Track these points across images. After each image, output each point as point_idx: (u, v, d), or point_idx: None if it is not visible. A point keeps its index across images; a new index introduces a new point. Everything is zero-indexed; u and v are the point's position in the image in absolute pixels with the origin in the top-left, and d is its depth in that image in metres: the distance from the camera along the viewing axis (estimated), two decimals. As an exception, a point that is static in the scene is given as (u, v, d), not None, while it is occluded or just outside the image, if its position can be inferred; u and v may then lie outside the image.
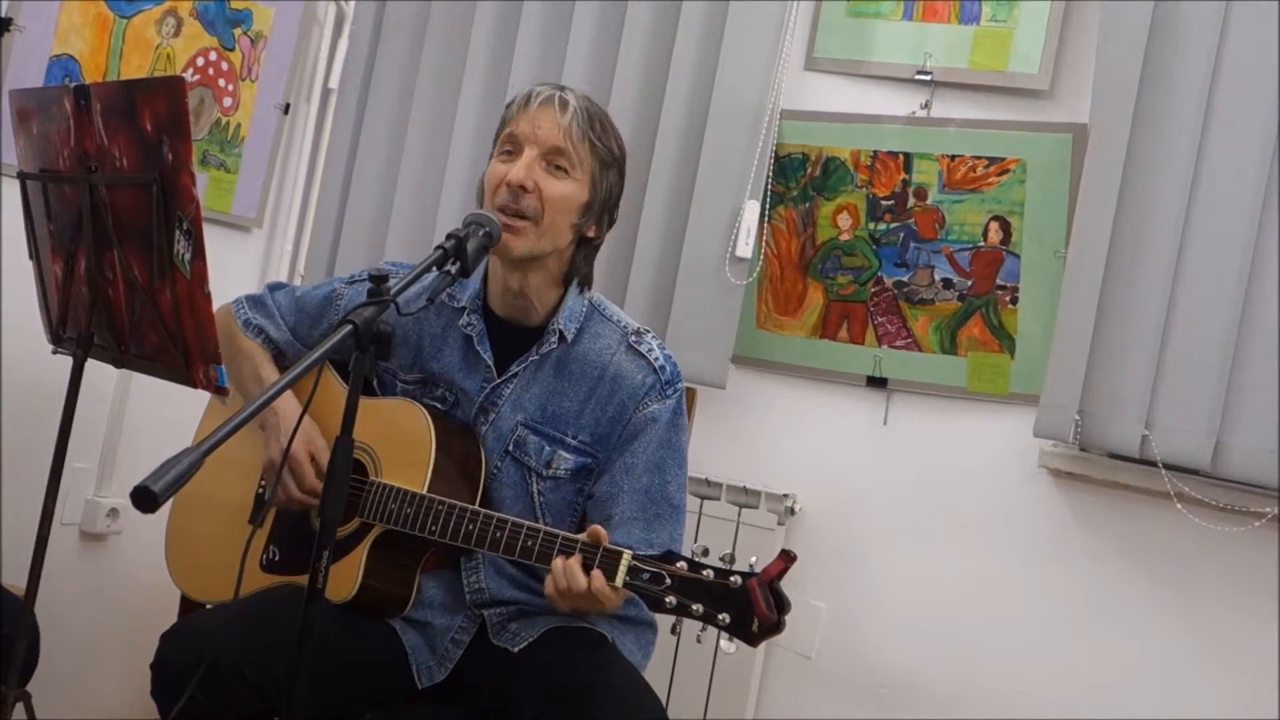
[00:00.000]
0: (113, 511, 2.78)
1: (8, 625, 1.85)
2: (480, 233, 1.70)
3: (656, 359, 1.90)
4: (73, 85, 1.81)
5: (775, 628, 1.53)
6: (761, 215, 2.61)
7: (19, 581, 1.90)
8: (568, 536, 1.67)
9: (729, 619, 1.53)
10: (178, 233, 1.70)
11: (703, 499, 2.60)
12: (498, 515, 1.73)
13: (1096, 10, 2.34)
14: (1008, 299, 2.44)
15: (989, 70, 2.48)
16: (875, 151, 2.56)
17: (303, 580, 1.44)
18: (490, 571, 1.88)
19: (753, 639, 1.53)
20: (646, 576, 1.58)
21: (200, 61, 2.81)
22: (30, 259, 2.03)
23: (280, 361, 2.08)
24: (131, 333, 1.85)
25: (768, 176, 2.61)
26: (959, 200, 2.48)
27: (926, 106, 2.54)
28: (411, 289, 1.55)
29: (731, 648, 1.57)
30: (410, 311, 1.91)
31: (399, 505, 1.79)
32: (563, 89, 1.87)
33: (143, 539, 2.25)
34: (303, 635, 1.42)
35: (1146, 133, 2.23)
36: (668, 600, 1.56)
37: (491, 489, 1.90)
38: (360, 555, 1.81)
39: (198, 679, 1.65)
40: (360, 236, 3.05)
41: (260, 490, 2.01)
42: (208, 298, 1.70)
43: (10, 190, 2.11)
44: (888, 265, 2.55)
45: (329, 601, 1.55)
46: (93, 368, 1.92)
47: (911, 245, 2.52)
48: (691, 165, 2.64)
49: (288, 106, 3.03)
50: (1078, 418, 2.25)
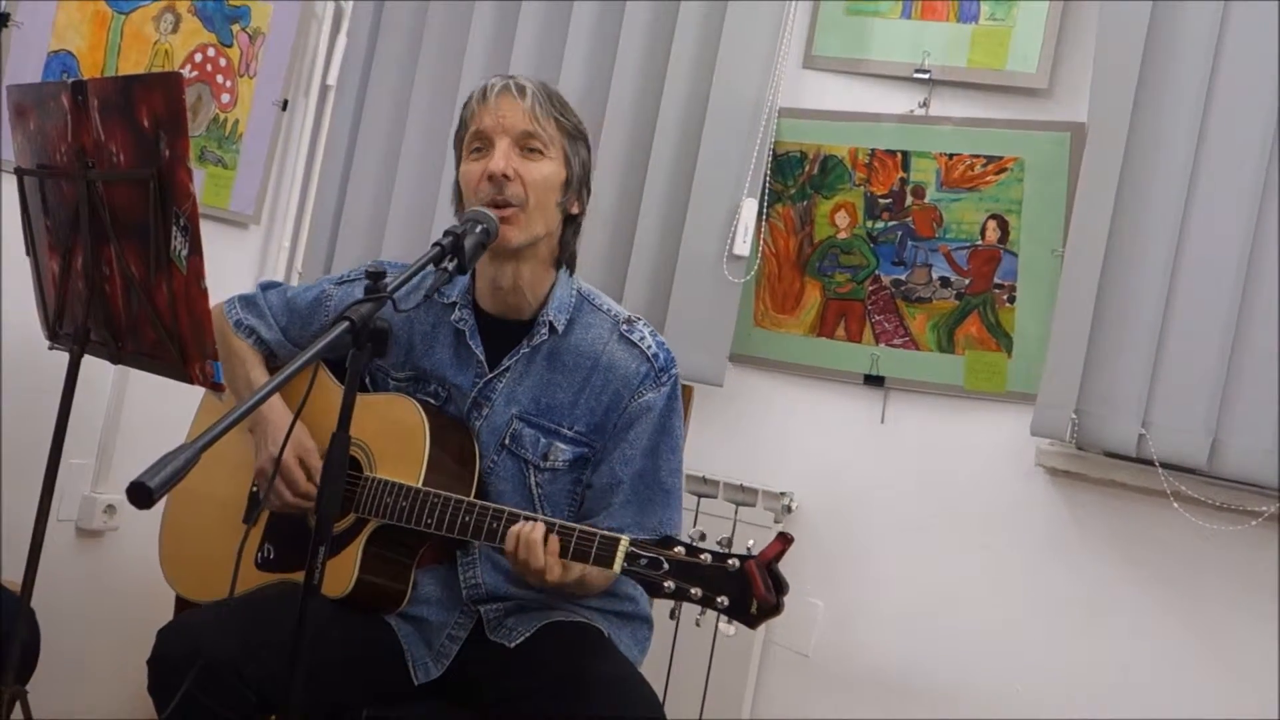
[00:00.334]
0: (109, 508, 2.78)
1: (5, 622, 1.85)
2: (478, 229, 1.70)
3: (649, 347, 1.91)
4: (70, 81, 1.81)
5: (774, 609, 1.53)
6: (759, 213, 2.61)
7: (15, 578, 1.90)
8: (564, 525, 1.67)
9: (728, 601, 1.54)
10: (175, 229, 1.70)
11: (700, 497, 2.60)
12: (494, 506, 1.74)
13: (1095, 9, 2.34)
14: (1005, 298, 2.44)
15: (987, 69, 2.48)
16: (873, 150, 2.56)
17: (298, 577, 1.44)
18: (487, 567, 1.88)
19: (752, 621, 1.54)
20: (644, 562, 1.58)
21: (198, 58, 2.81)
22: (27, 255, 2.03)
23: (272, 362, 2.08)
24: (128, 329, 1.85)
25: (766, 174, 2.61)
26: (957, 199, 2.48)
27: (924, 105, 2.54)
28: (406, 286, 1.55)
29: (731, 630, 1.57)
30: (406, 308, 1.91)
31: (394, 499, 1.79)
32: (512, 77, 1.89)
33: (140, 535, 2.25)
34: (299, 631, 1.42)
35: (1144, 132, 2.23)
36: (666, 585, 1.56)
37: (488, 483, 1.90)
38: (356, 551, 1.81)
39: (194, 675, 1.65)
40: (358, 233, 3.05)
41: (254, 489, 2.01)
42: (204, 294, 1.70)
43: (8, 186, 2.11)
44: (885, 264, 2.55)
45: (325, 598, 1.54)
46: (89, 363, 1.92)
47: (909, 244, 2.52)
48: (689, 163, 2.63)
49: (286, 103, 3.03)
50: (1075, 416, 2.25)
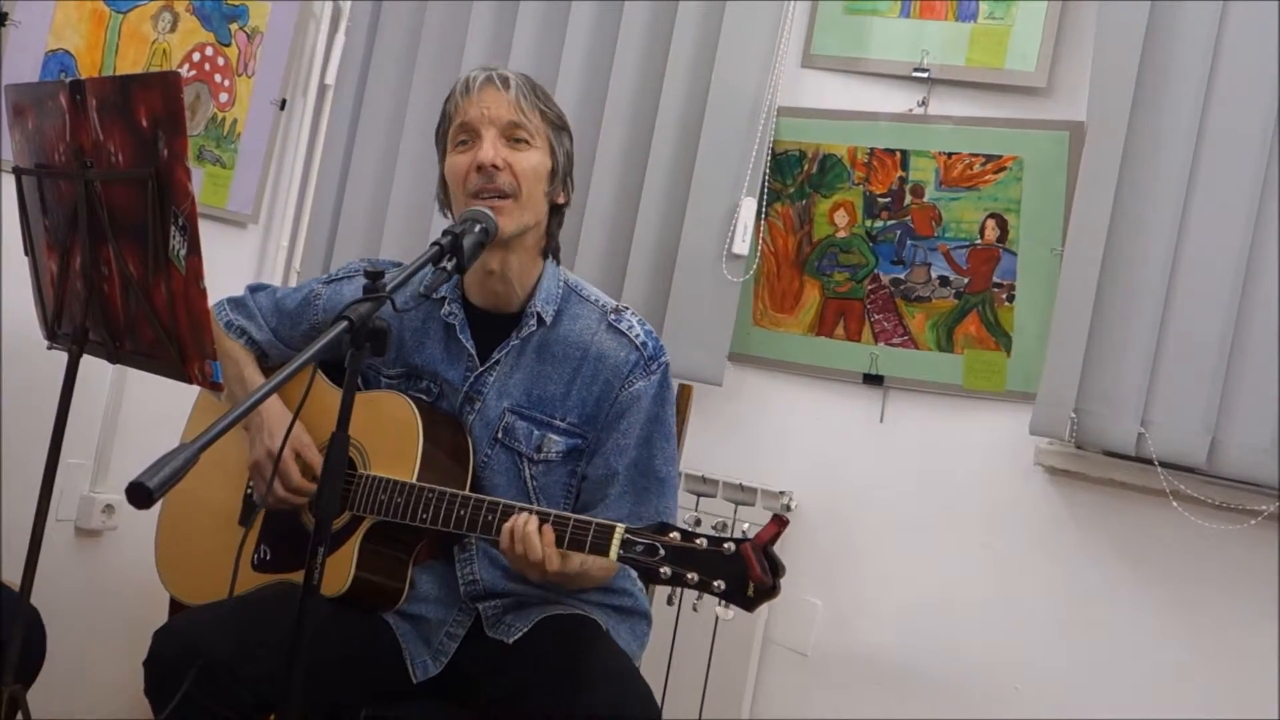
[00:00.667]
0: (108, 507, 2.78)
1: (5, 622, 1.84)
2: (477, 229, 1.71)
3: (637, 335, 1.91)
4: (68, 80, 1.81)
5: (771, 591, 1.53)
6: (758, 212, 2.61)
7: (14, 578, 1.90)
8: (559, 515, 1.68)
9: (724, 585, 1.54)
10: (173, 228, 1.70)
11: (699, 496, 2.60)
12: (489, 499, 1.74)
13: (1094, 8, 2.34)
14: (1004, 296, 2.44)
15: (986, 68, 2.48)
16: (872, 149, 2.55)
17: (295, 578, 1.44)
18: (485, 563, 1.88)
19: (749, 604, 1.54)
20: (640, 548, 1.59)
21: (196, 57, 2.80)
22: (25, 254, 2.02)
23: (264, 363, 2.08)
24: (127, 328, 1.85)
25: (764, 173, 2.61)
26: (956, 198, 2.48)
27: (923, 104, 2.54)
28: (404, 285, 1.55)
29: (729, 614, 1.57)
30: (406, 308, 1.91)
31: (389, 496, 1.79)
32: (494, 69, 1.90)
33: (138, 535, 2.25)
34: (298, 630, 1.42)
35: (1143, 130, 2.23)
36: (662, 571, 1.56)
37: (483, 477, 1.90)
38: (352, 549, 1.81)
39: (192, 676, 1.65)
40: (356, 232, 3.05)
41: (249, 491, 2.01)
42: (203, 293, 1.70)
43: (6, 186, 2.10)
44: (884, 263, 2.55)
45: (322, 597, 1.54)
46: (88, 363, 1.92)
47: (908, 243, 2.52)
48: (688, 162, 2.63)
49: (284, 102, 3.03)
50: (1074, 415, 2.25)
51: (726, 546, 1.54)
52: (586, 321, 1.92)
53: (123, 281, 1.80)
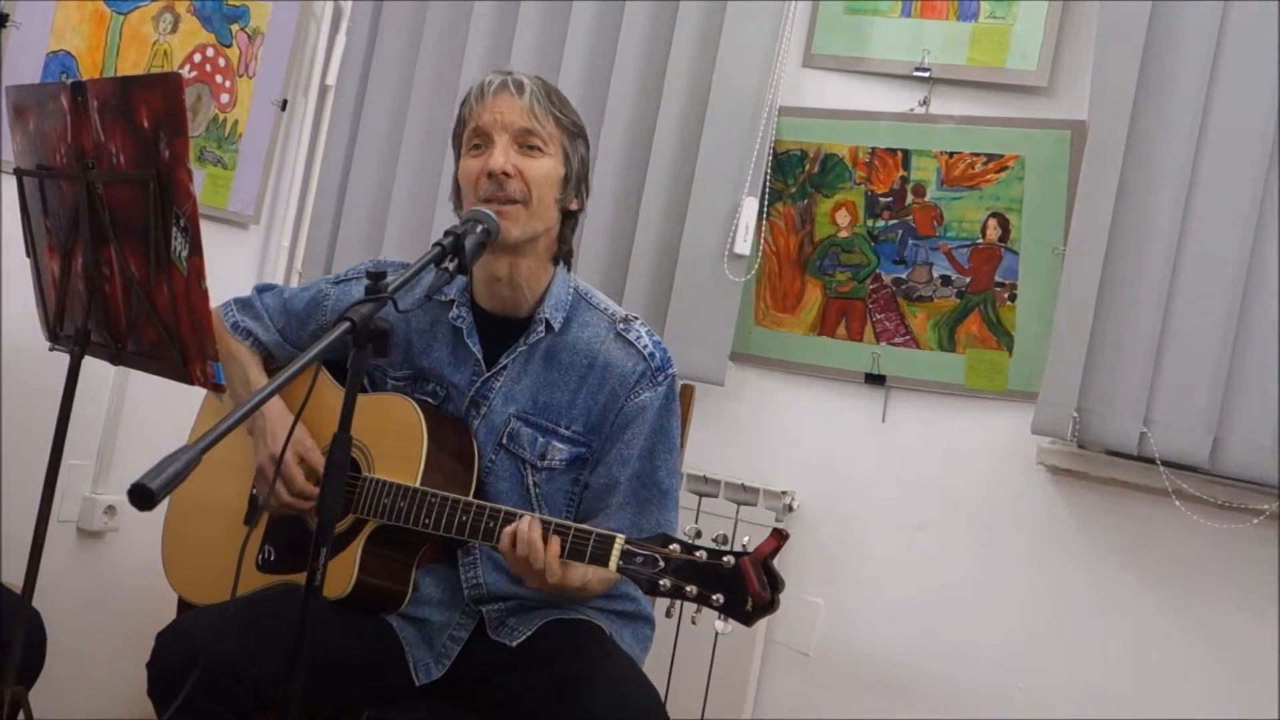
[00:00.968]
0: (110, 509, 2.78)
1: (6, 623, 1.84)
2: (478, 229, 1.70)
3: (645, 346, 1.90)
4: (69, 81, 1.80)
5: (769, 606, 1.52)
6: (760, 212, 2.61)
7: (16, 579, 1.90)
8: (560, 523, 1.67)
9: (723, 599, 1.53)
10: (175, 229, 1.70)
11: (701, 496, 2.60)
12: (490, 505, 1.73)
13: (1095, 7, 2.34)
14: (1006, 296, 2.44)
15: (987, 67, 2.48)
16: (873, 148, 2.55)
17: (299, 579, 1.44)
18: (488, 567, 1.88)
19: (747, 618, 1.53)
20: (640, 560, 1.58)
21: (197, 58, 2.80)
22: (27, 256, 2.02)
23: (270, 364, 2.08)
24: (128, 329, 1.85)
25: (766, 173, 2.61)
26: (957, 197, 2.48)
27: (925, 103, 2.54)
28: (407, 286, 1.55)
29: (727, 628, 1.56)
30: (408, 308, 1.91)
31: (392, 499, 1.78)
32: (511, 73, 1.89)
33: (140, 536, 2.25)
34: (300, 632, 1.42)
35: (1145, 129, 2.23)
36: (661, 583, 1.56)
37: (486, 483, 1.89)
38: (355, 551, 1.81)
39: (195, 678, 1.65)
40: (357, 233, 3.04)
41: (254, 492, 2.01)
42: (205, 294, 1.70)
43: (7, 187, 2.10)
44: (886, 262, 2.55)
45: (325, 598, 1.54)
46: (90, 365, 1.91)
47: (910, 242, 2.52)
48: (690, 162, 2.63)
49: (285, 103, 3.03)
50: (1076, 414, 2.25)
51: (726, 560, 1.54)
52: (595, 330, 1.91)
53: (124, 282, 1.80)
